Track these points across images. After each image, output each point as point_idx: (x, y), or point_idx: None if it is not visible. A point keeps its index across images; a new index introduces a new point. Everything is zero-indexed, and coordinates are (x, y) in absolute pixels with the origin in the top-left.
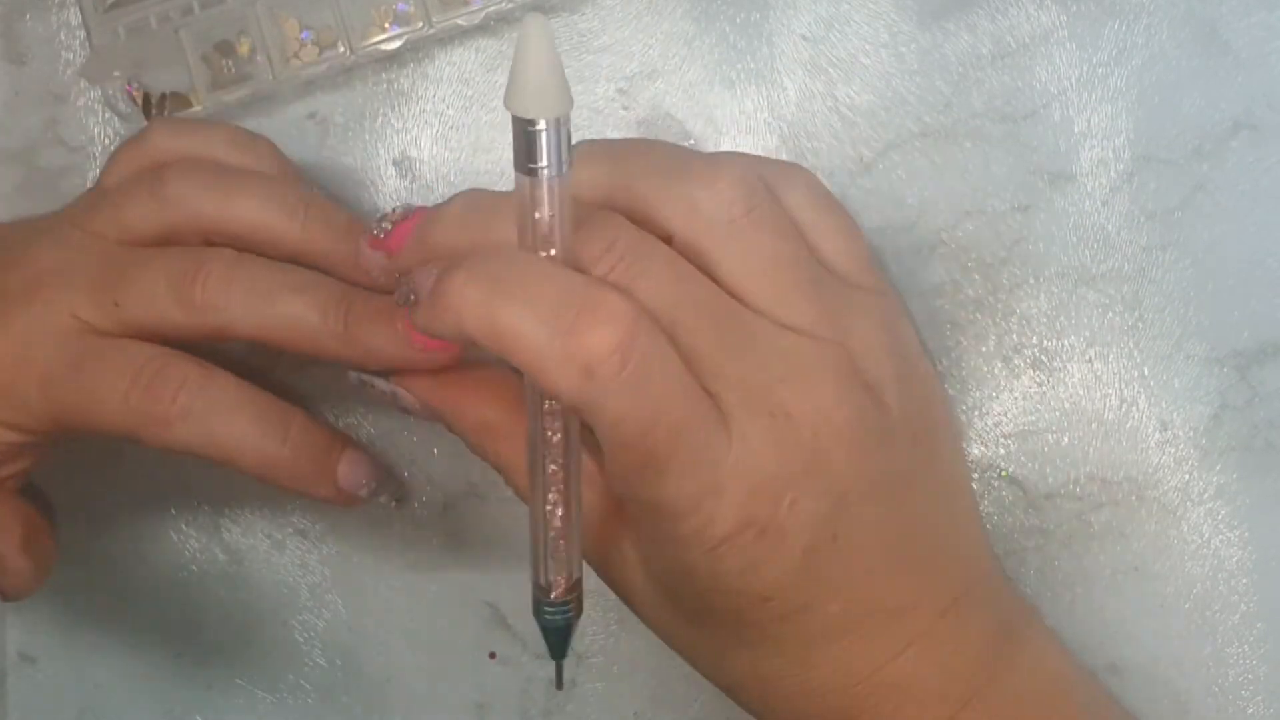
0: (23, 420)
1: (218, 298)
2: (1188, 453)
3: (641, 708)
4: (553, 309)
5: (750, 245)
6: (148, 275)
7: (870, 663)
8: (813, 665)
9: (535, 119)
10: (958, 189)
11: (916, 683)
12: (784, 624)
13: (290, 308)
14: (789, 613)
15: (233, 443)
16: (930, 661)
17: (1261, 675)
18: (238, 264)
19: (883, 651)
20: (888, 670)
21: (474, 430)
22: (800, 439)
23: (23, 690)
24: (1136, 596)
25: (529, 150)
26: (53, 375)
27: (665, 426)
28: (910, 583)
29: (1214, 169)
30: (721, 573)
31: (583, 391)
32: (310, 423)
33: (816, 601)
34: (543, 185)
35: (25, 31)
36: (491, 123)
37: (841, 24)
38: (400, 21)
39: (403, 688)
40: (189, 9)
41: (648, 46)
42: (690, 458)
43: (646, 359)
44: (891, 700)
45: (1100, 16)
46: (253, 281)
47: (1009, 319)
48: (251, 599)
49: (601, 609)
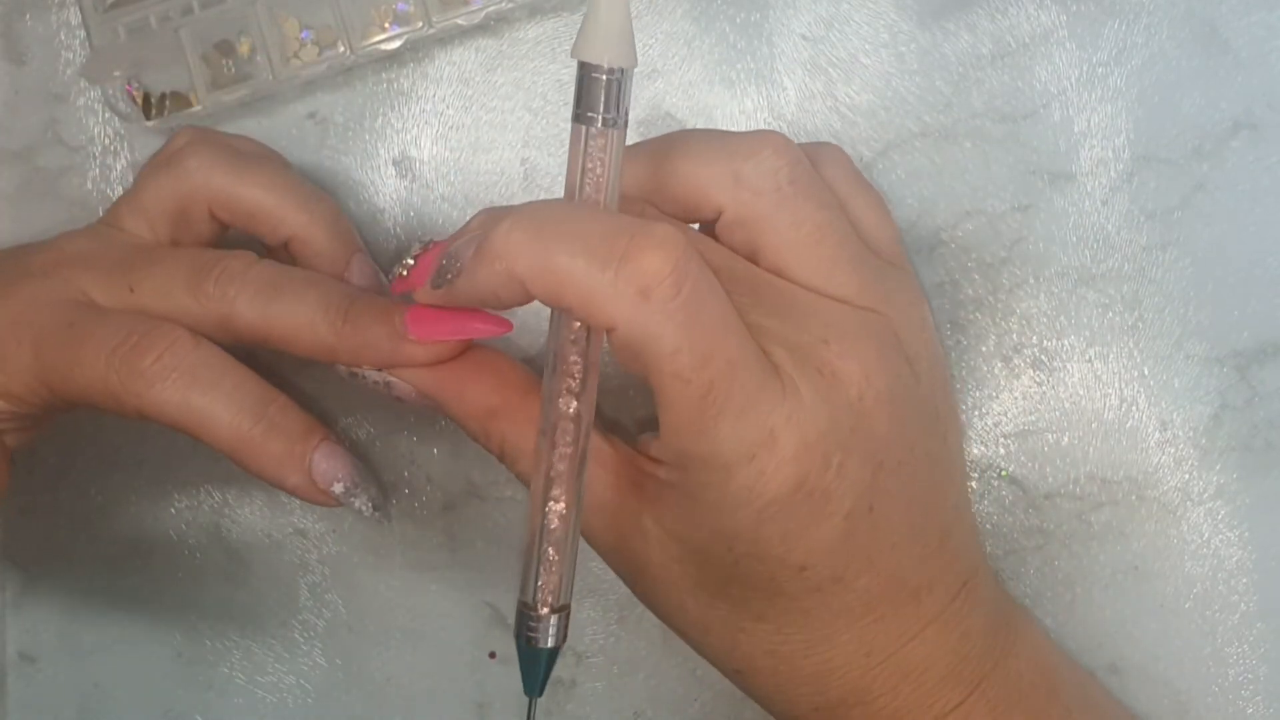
0: (13, 386)
1: (229, 288)
2: (1187, 452)
3: (641, 708)
4: (603, 240)
5: (797, 215)
6: (168, 266)
7: (891, 642)
8: (836, 643)
9: (602, 65)
10: (958, 189)
11: (931, 665)
12: (815, 596)
13: (293, 303)
14: (822, 583)
15: (208, 413)
16: (944, 645)
17: (1261, 675)
18: (254, 263)
19: (902, 631)
20: (906, 651)
21: (476, 415)
22: (848, 399)
23: (23, 690)
24: (1136, 596)
25: (590, 98)
26: (46, 335)
27: (723, 360)
28: (929, 562)
29: (1214, 169)
30: (764, 537)
31: (639, 315)
32: (290, 407)
33: (849, 574)
34: (601, 135)
35: (25, 31)
36: (491, 122)
37: (841, 24)
38: (400, 21)
39: (403, 688)
40: (189, 9)
41: (648, 46)
42: (746, 400)
43: (699, 286)
44: (909, 681)
45: (1100, 16)
46: (263, 277)
47: (1009, 319)
48: (251, 599)
49: (601, 609)
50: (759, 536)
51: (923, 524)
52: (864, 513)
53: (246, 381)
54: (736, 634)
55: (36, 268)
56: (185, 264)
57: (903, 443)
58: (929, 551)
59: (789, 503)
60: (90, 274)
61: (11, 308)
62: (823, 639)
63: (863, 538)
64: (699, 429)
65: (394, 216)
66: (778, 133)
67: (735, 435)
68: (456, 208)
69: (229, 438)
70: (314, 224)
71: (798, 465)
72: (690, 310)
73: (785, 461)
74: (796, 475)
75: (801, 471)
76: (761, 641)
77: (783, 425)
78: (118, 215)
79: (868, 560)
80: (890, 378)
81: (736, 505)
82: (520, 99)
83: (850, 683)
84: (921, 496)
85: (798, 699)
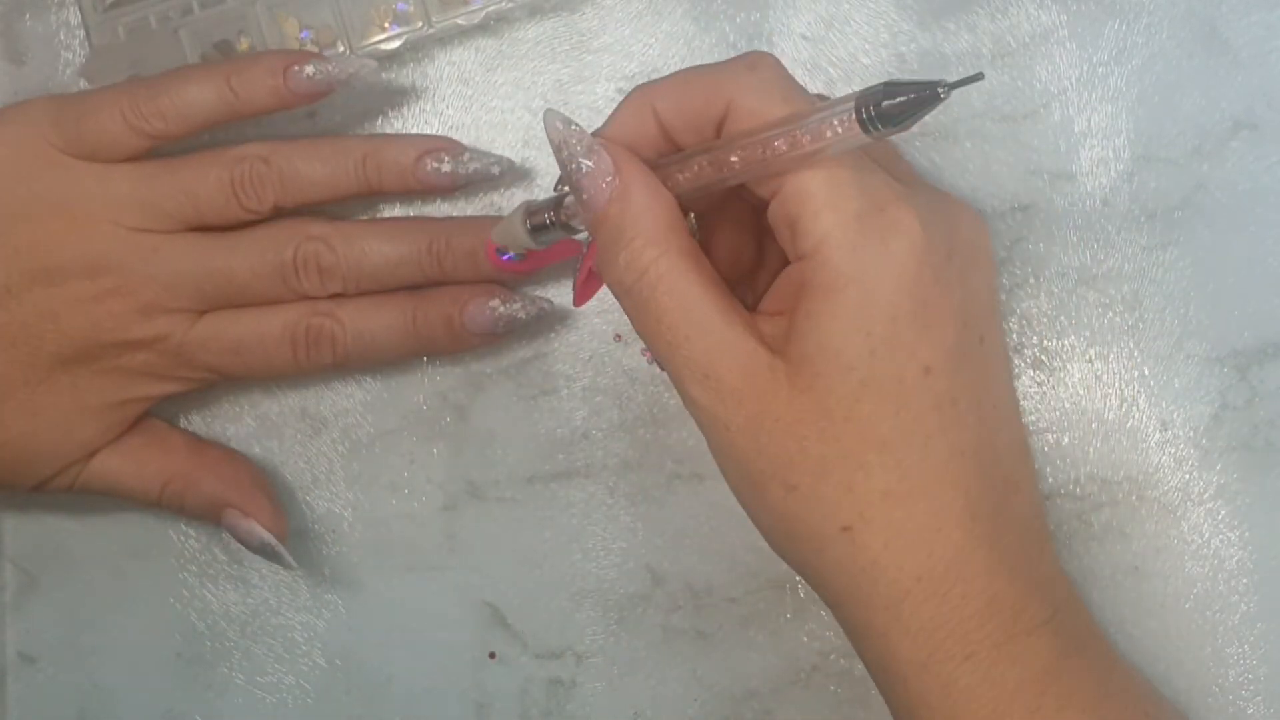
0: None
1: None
2: (1188, 452)
3: (641, 708)
4: (720, 64)
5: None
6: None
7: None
8: (945, 495)
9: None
10: (958, 189)
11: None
12: (934, 416)
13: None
14: (942, 400)
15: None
16: (1030, 552)
17: (1261, 675)
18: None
19: (996, 502)
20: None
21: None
22: (973, 224)
23: (23, 690)
24: (1137, 597)
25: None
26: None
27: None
28: (1015, 457)
29: (1214, 168)
30: (899, 314)
31: (746, 79)
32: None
33: (963, 401)
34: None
35: (25, 31)
36: (491, 123)
37: (841, 24)
38: (400, 21)
39: (403, 688)
40: (189, 9)
41: (648, 46)
42: (867, 161)
43: (792, 76)
44: (1004, 567)
45: (1100, 16)
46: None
47: (1009, 319)
48: (251, 599)
49: (601, 609)
50: (896, 313)
51: (1007, 415)
52: (976, 339)
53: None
54: (855, 472)
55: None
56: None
57: (997, 311)
58: (1013, 446)
59: (919, 278)
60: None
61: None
62: (936, 479)
63: (976, 365)
64: (828, 173)
65: (394, 216)
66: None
67: (862, 184)
68: (456, 208)
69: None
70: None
71: (926, 236)
72: (793, 82)
73: (914, 227)
74: (923, 245)
75: (928, 245)
76: (879, 480)
77: (909, 196)
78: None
79: (976, 397)
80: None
81: (874, 259)
82: (520, 99)
83: (955, 544)
84: (997, 389)
85: (907, 562)
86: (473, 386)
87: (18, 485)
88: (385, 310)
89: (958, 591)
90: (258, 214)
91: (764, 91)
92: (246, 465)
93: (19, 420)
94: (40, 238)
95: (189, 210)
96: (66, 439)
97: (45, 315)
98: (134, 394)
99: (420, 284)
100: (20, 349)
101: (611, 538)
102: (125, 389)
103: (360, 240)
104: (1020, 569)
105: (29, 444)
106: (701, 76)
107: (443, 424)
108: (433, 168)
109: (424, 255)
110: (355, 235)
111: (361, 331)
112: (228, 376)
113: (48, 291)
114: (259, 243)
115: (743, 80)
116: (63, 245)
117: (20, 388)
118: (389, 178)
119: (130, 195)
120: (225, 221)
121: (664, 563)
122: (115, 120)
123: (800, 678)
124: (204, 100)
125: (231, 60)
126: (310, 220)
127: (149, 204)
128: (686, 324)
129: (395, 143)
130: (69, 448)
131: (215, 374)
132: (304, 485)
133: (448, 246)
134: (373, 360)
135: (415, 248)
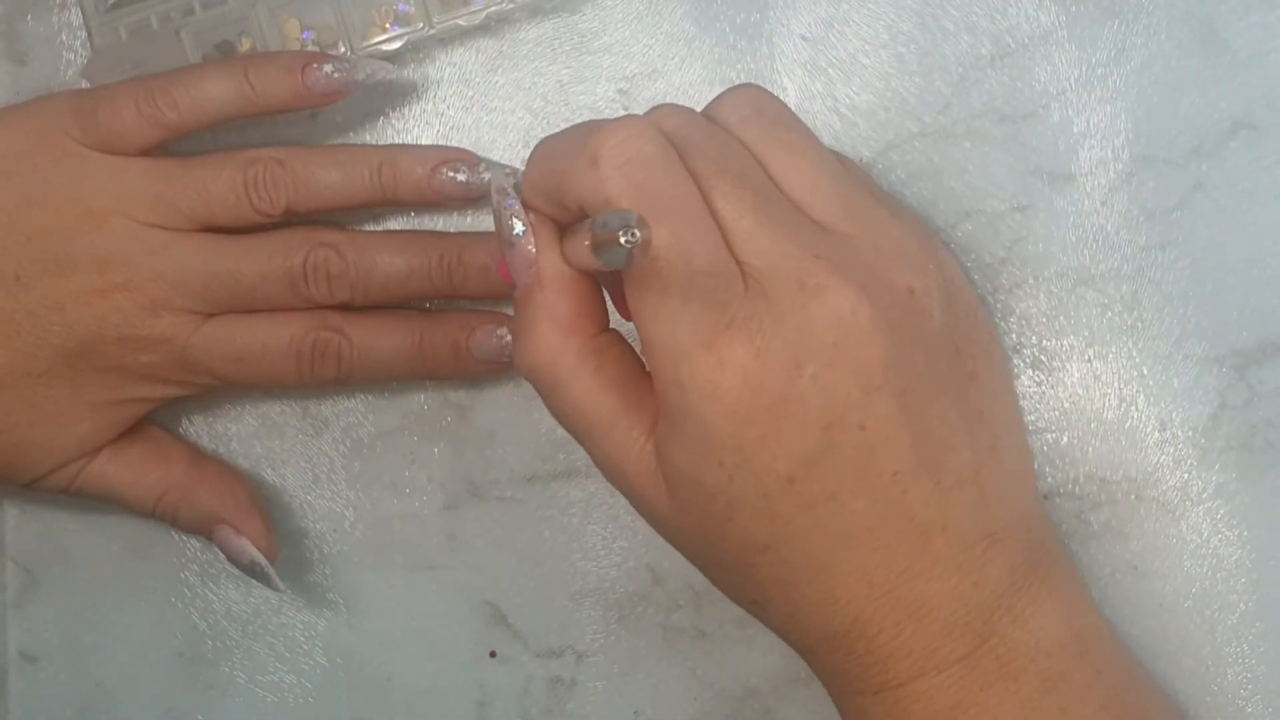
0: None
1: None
2: (1187, 452)
3: (641, 708)
4: (581, 135)
5: (768, 134)
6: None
7: (892, 575)
8: (839, 572)
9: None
10: (957, 189)
11: (936, 608)
12: (809, 514)
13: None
14: (814, 500)
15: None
16: (951, 589)
17: (1261, 675)
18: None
19: (906, 566)
20: (908, 587)
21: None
22: (834, 314)
23: (24, 689)
24: (1135, 596)
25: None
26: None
27: (671, 232)
28: (942, 501)
29: (1213, 168)
30: (746, 441)
31: (587, 178)
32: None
33: (842, 493)
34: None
35: (26, 31)
36: (491, 123)
37: (841, 24)
38: (401, 22)
39: (403, 686)
40: (190, 9)
41: (648, 46)
42: (702, 283)
43: (651, 160)
44: (912, 620)
45: (1100, 16)
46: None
47: (1008, 319)
48: (253, 598)
49: (601, 609)
50: (741, 441)
51: (936, 459)
52: (853, 429)
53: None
54: (745, 568)
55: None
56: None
57: (907, 370)
58: (942, 489)
59: (757, 403)
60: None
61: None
62: (824, 566)
63: (852, 455)
64: (647, 296)
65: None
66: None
67: (690, 318)
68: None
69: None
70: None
71: (760, 363)
72: (636, 172)
73: (745, 357)
74: (759, 373)
75: (764, 370)
76: (768, 572)
77: (743, 320)
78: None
79: (863, 482)
80: (888, 303)
81: (704, 399)
82: (520, 99)
83: (853, 613)
84: (933, 431)
85: (809, 627)
86: (474, 386)
87: (13, 478)
88: (393, 330)
89: (860, 647)
90: (269, 216)
91: (596, 191)
92: (244, 483)
93: (17, 410)
94: (52, 227)
95: (200, 208)
96: (63, 433)
97: (52, 306)
98: (134, 394)
99: (430, 297)
100: (25, 338)
101: (612, 537)
102: (125, 388)
103: (371, 250)
104: (936, 609)
105: (25, 434)
106: (552, 163)
107: (444, 423)
108: (448, 178)
109: (434, 268)
110: (366, 245)
111: (368, 349)
112: (230, 383)
113: (56, 282)
114: (269, 247)
115: (584, 179)
116: (73, 236)
117: (21, 377)
118: (404, 187)
119: (143, 189)
120: (236, 222)
121: (664, 562)
122: (129, 109)
123: (801, 676)
124: (219, 93)
125: (249, 56)
126: (322, 228)
127: (161, 199)
128: (586, 423)
129: (411, 152)
130: (65, 441)
131: (217, 380)
132: (305, 484)
133: (459, 261)
134: (376, 378)
135: (426, 260)
